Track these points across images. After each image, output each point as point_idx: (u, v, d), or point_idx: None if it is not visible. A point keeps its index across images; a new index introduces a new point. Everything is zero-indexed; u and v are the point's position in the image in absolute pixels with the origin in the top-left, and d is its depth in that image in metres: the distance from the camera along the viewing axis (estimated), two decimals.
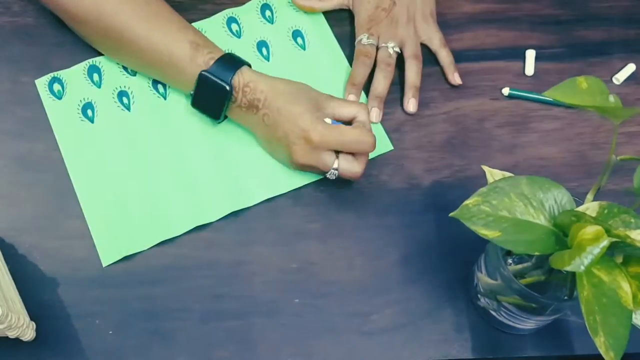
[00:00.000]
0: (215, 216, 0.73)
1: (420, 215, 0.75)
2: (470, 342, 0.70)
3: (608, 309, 0.51)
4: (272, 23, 0.84)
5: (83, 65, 0.79)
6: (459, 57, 0.84)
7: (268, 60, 0.82)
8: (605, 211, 0.55)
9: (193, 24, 0.80)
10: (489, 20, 0.86)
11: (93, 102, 0.78)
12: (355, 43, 0.81)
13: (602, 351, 0.50)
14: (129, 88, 0.79)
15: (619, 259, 0.55)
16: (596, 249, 0.50)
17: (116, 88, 0.79)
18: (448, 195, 0.76)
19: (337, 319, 0.70)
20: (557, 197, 0.56)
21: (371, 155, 0.77)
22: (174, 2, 0.84)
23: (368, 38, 0.80)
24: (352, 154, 0.71)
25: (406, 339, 0.70)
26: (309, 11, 0.84)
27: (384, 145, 0.78)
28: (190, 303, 0.70)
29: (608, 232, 0.51)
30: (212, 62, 0.72)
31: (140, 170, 0.75)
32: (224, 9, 0.84)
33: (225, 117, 0.76)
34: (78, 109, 0.78)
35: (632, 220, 0.54)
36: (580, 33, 0.86)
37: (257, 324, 0.70)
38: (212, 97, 0.73)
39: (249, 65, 0.74)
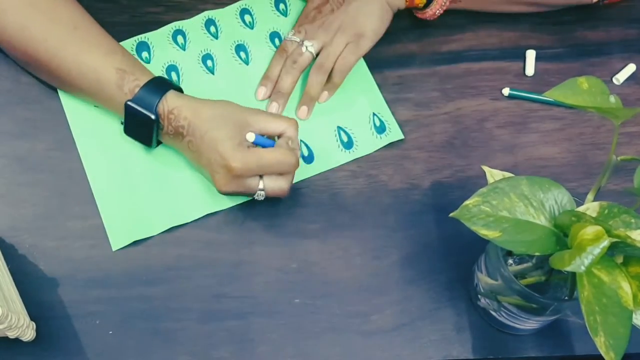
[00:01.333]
0: (227, 204, 0.74)
1: (420, 216, 0.75)
2: (470, 342, 0.70)
3: (608, 309, 0.51)
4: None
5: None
6: (459, 57, 0.84)
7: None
8: (606, 211, 0.55)
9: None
10: (489, 21, 0.86)
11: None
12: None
13: (602, 351, 0.50)
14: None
15: (619, 259, 0.55)
16: (596, 249, 0.50)
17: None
18: (448, 195, 0.76)
19: (337, 319, 0.70)
20: (557, 198, 0.56)
21: (382, 144, 0.78)
22: (174, 2, 0.84)
23: (294, 34, 0.80)
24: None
25: (406, 339, 0.70)
26: None
27: (394, 134, 0.79)
28: (190, 303, 0.70)
29: (608, 232, 0.51)
30: (137, 89, 0.70)
31: (154, 155, 0.76)
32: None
33: (159, 142, 0.75)
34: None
35: (633, 220, 0.54)
36: (581, 33, 0.86)
37: (257, 324, 0.70)
38: (140, 126, 0.71)
39: (179, 89, 0.73)
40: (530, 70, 0.83)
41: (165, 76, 0.79)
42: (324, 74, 0.78)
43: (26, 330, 0.65)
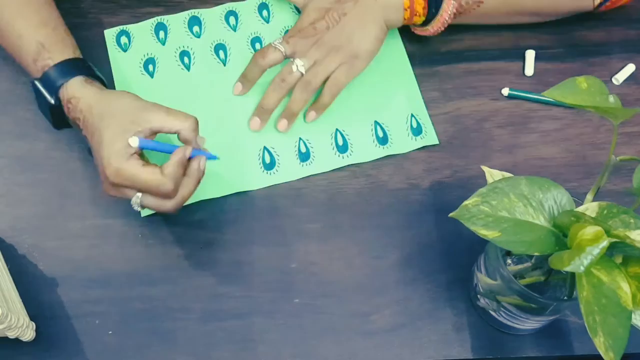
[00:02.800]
0: (255, 185, 0.75)
1: (420, 215, 0.75)
2: (469, 342, 0.70)
3: (607, 309, 0.51)
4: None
5: (151, 22, 0.83)
6: (459, 57, 0.84)
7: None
8: (605, 211, 0.55)
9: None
10: None
11: (155, 58, 0.82)
12: None
13: (601, 351, 0.50)
14: (191, 49, 0.82)
15: (619, 260, 0.55)
16: (596, 250, 0.50)
17: (179, 47, 0.82)
18: (448, 196, 0.76)
19: (337, 319, 0.70)
20: (556, 198, 0.56)
21: (417, 146, 0.78)
22: (174, 2, 0.84)
23: (280, 43, 0.76)
24: None
25: (406, 339, 0.70)
26: None
27: (430, 138, 0.79)
28: (190, 303, 0.70)
29: (607, 232, 0.51)
30: (46, 68, 0.68)
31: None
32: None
33: (68, 126, 0.72)
34: (140, 63, 0.81)
35: (632, 220, 0.54)
36: (580, 33, 0.86)
37: (257, 324, 0.70)
38: (43, 106, 0.70)
39: (95, 75, 0.70)
40: (529, 70, 0.83)
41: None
42: (309, 92, 0.76)
43: (26, 330, 0.65)
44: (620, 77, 0.83)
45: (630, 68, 0.84)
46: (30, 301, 0.69)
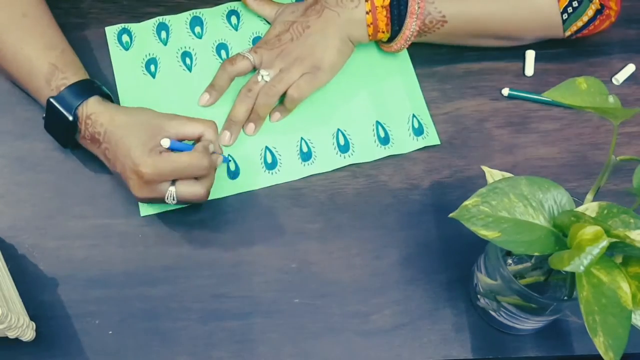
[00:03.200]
0: (257, 185, 0.76)
1: (420, 216, 0.75)
2: (469, 342, 0.70)
3: (607, 309, 0.51)
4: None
5: (153, 22, 0.83)
6: (459, 57, 0.84)
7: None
8: (605, 211, 0.55)
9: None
10: None
11: (157, 58, 0.81)
12: None
13: (601, 351, 0.50)
14: (193, 50, 0.82)
15: (619, 259, 0.55)
16: (595, 250, 0.50)
17: (181, 48, 0.82)
18: (447, 196, 0.76)
19: (336, 319, 0.70)
20: (556, 198, 0.56)
21: (418, 146, 0.78)
22: (174, 2, 0.84)
23: (249, 53, 0.78)
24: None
25: (406, 339, 0.70)
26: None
27: (431, 138, 0.79)
28: (190, 303, 0.70)
29: (607, 232, 0.51)
30: (63, 88, 0.70)
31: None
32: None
33: (79, 146, 0.74)
34: (142, 62, 0.81)
35: (632, 220, 0.54)
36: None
37: (257, 324, 0.70)
38: (58, 125, 0.71)
39: (107, 96, 0.73)
40: (529, 70, 0.83)
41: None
42: (272, 97, 0.76)
43: (26, 330, 0.65)
44: (620, 77, 0.83)
45: (630, 68, 0.84)
46: (30, 301, 0.69)
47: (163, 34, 0.83)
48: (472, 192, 0.56)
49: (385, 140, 0.78)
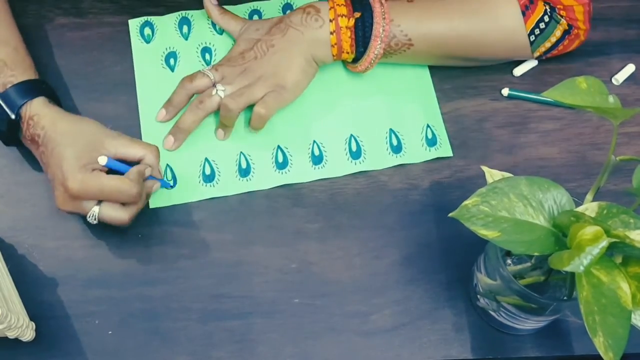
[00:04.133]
0: (267, 185, 0.76)
1: (420, 216, 0.75)
2: (469, 342, 0.70)
3: (607, 309, 0.51)
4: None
5: (175, 16, 0.83)
6: None
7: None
8: (605, 211, 0.55)
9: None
10: None
11: (177, 52, 0.82)
12: None
13: (601, 351, 0.50)
14: (213, 45, 0.82)
15: (618, 259, 0.55)
16: (595, 250, 0.50)
17: (201, 43, 0.82)
18: (447, 196, 0.76)
19: (336, 319, 0.70)
20: (556, 198, 0.57)
21: (430, 156, 0.78)
22: (174, 2, 0.84)
23: (210, 70, 0.77)
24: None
25: (406, 339, 0.70)
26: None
27: (444, 150, 0.79)
28: (190, 303, 0.70)
29: (607, 232, 0.51)
30: (9, 85, 0.69)
31: (207, 126, 0.77)
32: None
33: (19, 143, 0.73)
34: (162, 55, 0.81)
35: (632, 220, 0.54)
36: None
37: (257, 324, 0.70)
38: (1, 123, 0.70)
39: (55, 99, 0.72)
40: (518, 71, 0.83)
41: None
42: (233, 110, 0.74)
43: (26, 330, 0.65)
44: (620, 77, 0.83)
45: (630, 68, 0.84)
46: (30, 301, 0.69)
47: (185, 29, 0.83)
48: (472, 192, 0.56)
49: (397, 149, 0.78)
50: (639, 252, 0.52)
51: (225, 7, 0.83)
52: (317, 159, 0.77)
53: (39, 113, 0.69)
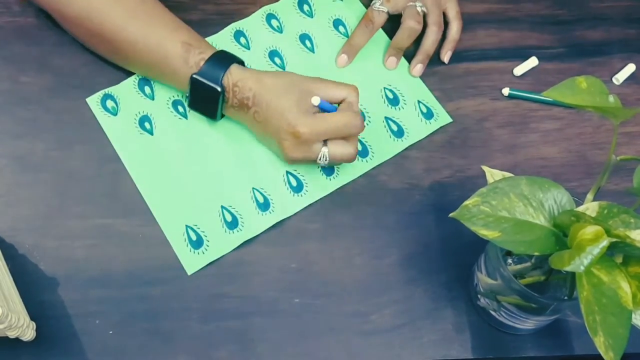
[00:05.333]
0: (288, 212, 0.74)
1: (420, 215, 0.75)
2: (470, 342, 0.70)
3: (608, 309, 0.51)
4: (312, 17, 0.85)
5: (132, 80, 0.79)
6: (459, 57, 0.84)
7: (313, 52, 0.83)
8: (605, 211, 0.55)
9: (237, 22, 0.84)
10: (489, 20, 0.86)
11: (149, 115, 0.78)
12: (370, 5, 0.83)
13: (601, 351, 0.50)
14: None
15: (619, 259, 0.55)
16: (596, 249, 0.50)
17: (170, 98, 0.79)
18: (448, 195, 0.76)
19: (337, 319, 0.70)
20: (556, 197, 0.56)
21: (433, 128, 0.78)
22: (174, 2, 0.84)
23: (381, 4, 0.81)
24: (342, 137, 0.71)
25: (406, 339, 0.70)
26: None
27: (443, 118, 0.80)
28: (190, 303, 0.70)
29: (608, 232, 0.51)
30: (202, 62, 0.72)
31: (207, 174, 0.75)
32: (225, 10, 0.85)
33: (223, 115, 0.76)
34: (135, 122, 0.77)
35: (632, 220, 0.54)
36: (580, 33, 0.86)
37: (257, 324, 0.70)
38: (206, 98, 0.73)
39: (241, 62, 0.74)
40: (518, 71, 0.83)
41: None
42: (441, 31, 0.81)
43: (26, 330, 0.65)
44: (620, 77, 0.83)
45: (630, 68, 0.84)
46: (30, 301, 0.69)
47: (147, 89, 0.79)
48: (472, 192, 0.56)
49: (399, 133, 0.79)
50: (639, 251, 0.52)
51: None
52: (328, 171, 0.77)
53: (242, 77, 0.72)
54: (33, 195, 0.74)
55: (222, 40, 0.82)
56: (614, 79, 0.84)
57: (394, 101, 0.81)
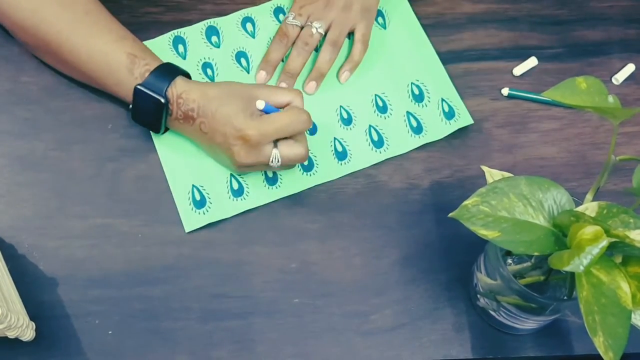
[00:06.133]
0: (297, 188, 0.75)
1: (420, 215, 0.75)
2: (469, 342, 0.70)
3: (607, 309, 0.51)
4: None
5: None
6: (459, 57, 0.84)
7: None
8: (605, 211, 0.56)
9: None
10: (489, 20, 0.86)
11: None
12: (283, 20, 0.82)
13: (601, 351, 0.50)
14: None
15: (618, 259, 0.55)
16: (595, 249, 0.50)
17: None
18: (448, 195, 0.76)
19: (337, 319, 0.70)
20: (556, 197, 0.56)
21: (452, 129, 0.78)
22: (174, 2, 0.84)
23: (294, 18, 0.80)
24: (291, 138, 0.71)
25: (406, 339, 0.70)
26: None
27: (464, 119, 0.79)
28: (190, 303, 0.70)
29: (607, 232, 0.51)
30: (147, 74, 0.71)
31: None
32: (224, 10, 0.85)
33: (167, 129, 0.75)
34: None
35: (631, 220, 0.54)
36: (580, 33, 0.86)
37: (257, 324, 0.70)
38: (149, 110, 0.72)
39: (186, 75, 0.74)
40: (518, 70, 0.83)
41: (201, 72, 0.80)
42: (336, 52, 0.80)
43: (26, 330, 0.65)
44: (620, 77, 0.83)
45: (630, 68, 0.84)
46: (30, 301, 0.69)
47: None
48: (471, 192, 0.56)
49: (418, 130, 0.79)
50: (639, 251, 0.52)
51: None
52: (341, 155, 0.77)
53: (185, 89, 0.71)
54: (33, 195, 0.74)
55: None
56: (613, 79, 0.84)
57: (418, 97, 0.80)
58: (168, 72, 0.72)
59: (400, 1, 0.86)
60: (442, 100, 0.80)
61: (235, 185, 0.75)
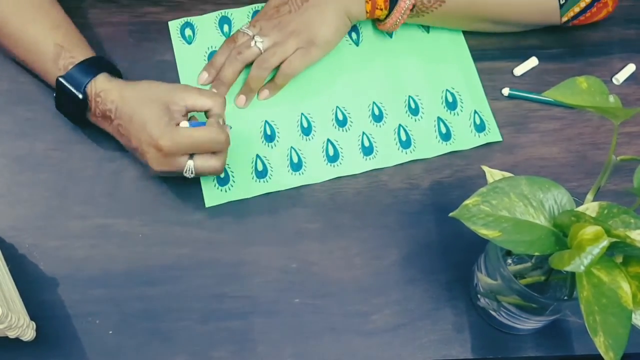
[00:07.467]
0: (321, 178, 0.76)
1: (420, 215, 0.75)
2: (470, 342, 0.70)
3: (608, 309, 0.51)
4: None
5: (215, 15, 0.84)
6: None
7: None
8: (605, 211, 0.55)
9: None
10: None
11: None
12: None
13: (601, 351, 0.50)
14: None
15: (619, 259, 0.55)
16: (596, 249, 0.50)
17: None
18: (448, 195, 0.76)
19: (337, 319, 0.70)
20: (557, 197, 0.56)
21: (479, 142, 0.78)
22: (174, 2, 0.84)
23: (247, 27, 0.80)
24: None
25: (406, 339, 0.70)
26: None
27: (493, 135, 0.79)
28: (190, 303, 0.70)
29: (608, 232, 0.51)
30: (70, 67, 0.71)
31: (251, 122, 0.78)
32: (224, 9, 0.84)
33: (85, 122, 0.74)
34: (205, 55, 0.82)
35: (632, 220, 0.54)
36: (581, 33, 0.86)
37: (257, 324, 0.70)
38: (69, 104, 0.72)
39: (116, 72, 0.74)
40: (518, 71, 0.83)
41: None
42: (265, 70, 0.77)
43: (26, 330, 0.65)
44: (620, 77, 0.83)
45: (630, 68, 0.84)
46: (30, 301, 0.69)
47: (225, 27, 0.83)
48: (472, 192, 0.56)
49: (446, 137, 0.79)
50: (639, 252, 0.52)
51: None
52: (367, 150, 0.77)
53: (105, 88, 0.70)
54: (33, 195, 0.74)
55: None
56: (614, 79, 0.84)
57: (452, 105, 0.80)
58: (92, 67, 0.71)
59: None
60: (475, 112, 0.80)
61: (260, 167, 0.76)
